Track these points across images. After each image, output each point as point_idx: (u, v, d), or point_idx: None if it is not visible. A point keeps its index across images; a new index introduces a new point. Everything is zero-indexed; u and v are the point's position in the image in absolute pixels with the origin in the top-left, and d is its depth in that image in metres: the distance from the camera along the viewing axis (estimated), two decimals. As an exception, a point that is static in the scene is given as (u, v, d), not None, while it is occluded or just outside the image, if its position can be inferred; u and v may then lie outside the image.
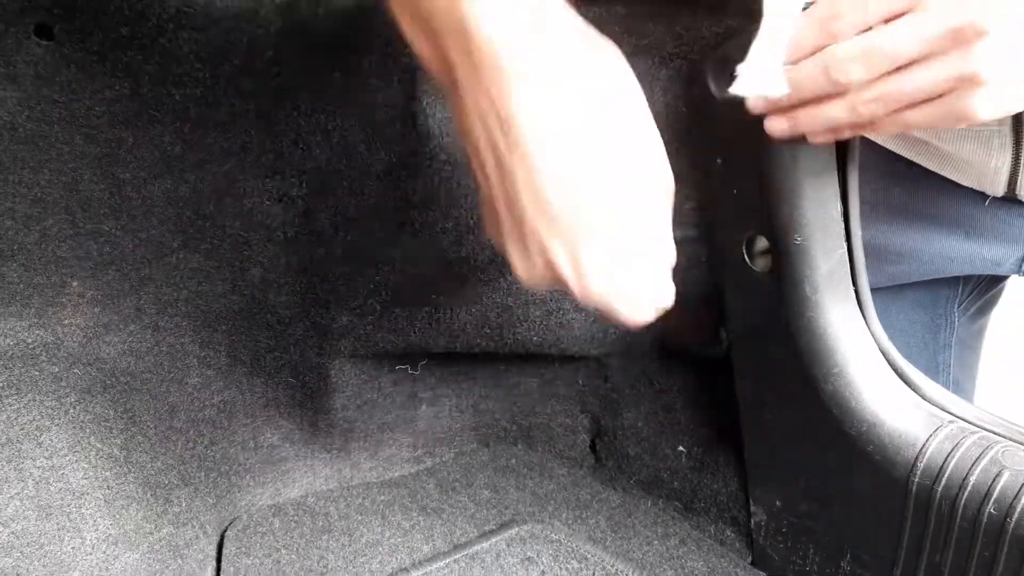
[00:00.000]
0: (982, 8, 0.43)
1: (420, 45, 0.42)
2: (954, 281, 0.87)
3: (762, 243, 0.62)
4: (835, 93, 0.48)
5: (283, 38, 0.58)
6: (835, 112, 0.49)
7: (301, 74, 0.60)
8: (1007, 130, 0.70)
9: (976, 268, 0.81)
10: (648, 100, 0.61)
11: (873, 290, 0.62)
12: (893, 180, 0.81)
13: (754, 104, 0.52)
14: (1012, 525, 0.53)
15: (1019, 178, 0.72)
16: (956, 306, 0.89)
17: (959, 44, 0.44)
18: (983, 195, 0.76)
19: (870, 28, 0.47)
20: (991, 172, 0.73)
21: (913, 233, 0.80)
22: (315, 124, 0.64)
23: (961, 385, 0.93)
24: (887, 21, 0.46)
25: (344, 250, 0.71)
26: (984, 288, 0.89)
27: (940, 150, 0.76)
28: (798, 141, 0.52)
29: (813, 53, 0.48)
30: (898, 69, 0.46)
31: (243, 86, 0.60)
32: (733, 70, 0.52)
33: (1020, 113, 0.69)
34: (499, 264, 0.71)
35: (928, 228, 0.81)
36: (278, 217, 0.69)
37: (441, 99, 0.62)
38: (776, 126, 0.51)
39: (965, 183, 0.76)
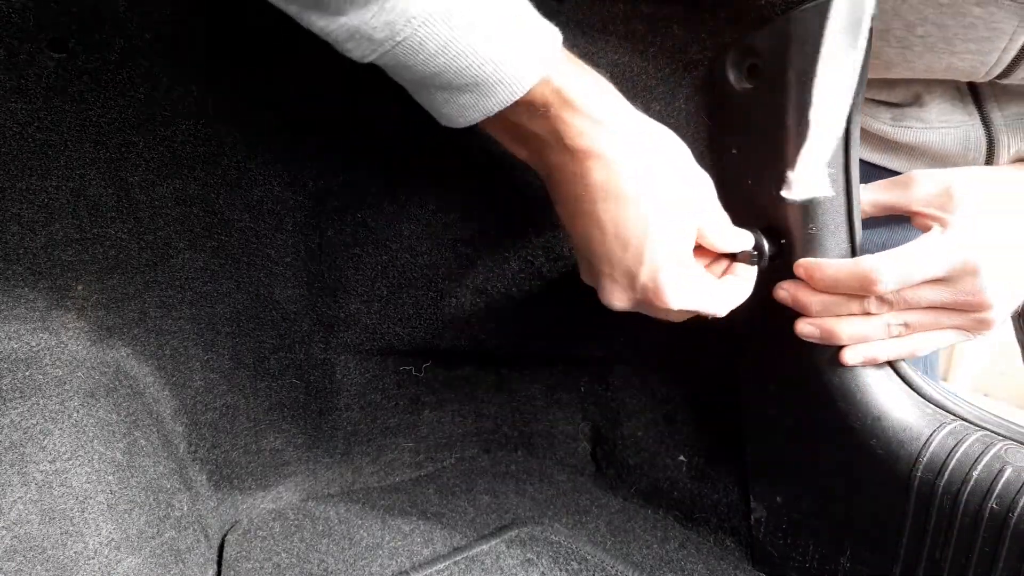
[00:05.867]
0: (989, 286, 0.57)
1: (517, 150, 0.56)
2: None
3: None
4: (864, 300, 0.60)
5: None
6: (867, 328, 0.60)
7: (329, 46, 0.60)
8: (977, 122, 0.73)
9: None
10: (670, 108, 0.62)
11: None
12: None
13: (783, 297, 0.63)
14: (1014, 521, 0.54)
15: (992, 164, 0.75)
16: None
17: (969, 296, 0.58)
18: None
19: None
20: (970, 163, 0.76)
21: (898, 230, 0.82)
22: (334, 98, 0.64)
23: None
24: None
25: (354, 229, 0.71)
26: None
27: (926, 151, 0.77)
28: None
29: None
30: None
31: (275, 68, 0.60)
32: (753, 61, 0.56)
33: (984, 105, 0.72)
34: (505, 247, 0.72)
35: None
36: (288, 203, 0.69)
37: None
38: (805, 329, 0.62)
39: None
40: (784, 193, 0.56)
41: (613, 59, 0.62)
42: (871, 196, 0.64)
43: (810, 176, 0.56)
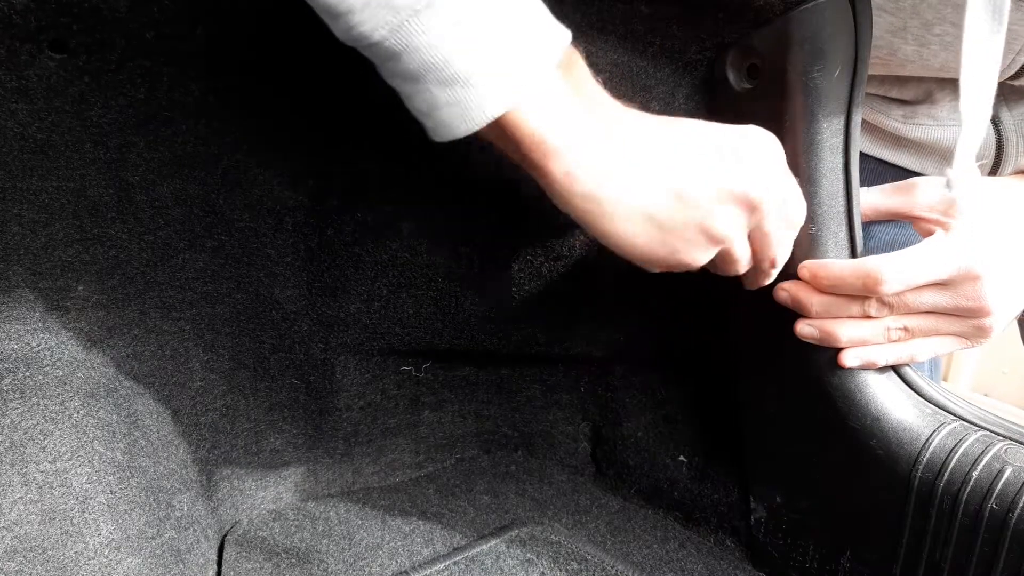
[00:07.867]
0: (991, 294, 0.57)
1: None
2: None
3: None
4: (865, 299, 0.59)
5: None
6: (867, 331, 0.60)
7: (332, 39, 0.60)
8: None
9: None
10: (670, 108, 0.62)
11: None
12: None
13: (783, 298, 0.62)
14: (1014, 521, 0.54)
15: (1001, 164, 0.75)
16: None
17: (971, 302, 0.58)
18: None
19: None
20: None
21: (906, 227, 0.82)
22: (333, 98, 0.64)
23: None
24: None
25: (353, 228, 0.71)
26: None
27: (936, 149, 0.77)
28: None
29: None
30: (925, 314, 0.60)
31: (275, 67, 0.60)
32: (753, 61, 0.56)
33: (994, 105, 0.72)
34: (505, 247, 0.72)
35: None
36: (288, 202, 0.69)
37: None
38: (804, 330, 0.62)
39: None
40: (949, 191, 0.56)
41: (613, 59, 0.62)
42: (873, 201, 0.64)
43: (966, 169, 0.56)
